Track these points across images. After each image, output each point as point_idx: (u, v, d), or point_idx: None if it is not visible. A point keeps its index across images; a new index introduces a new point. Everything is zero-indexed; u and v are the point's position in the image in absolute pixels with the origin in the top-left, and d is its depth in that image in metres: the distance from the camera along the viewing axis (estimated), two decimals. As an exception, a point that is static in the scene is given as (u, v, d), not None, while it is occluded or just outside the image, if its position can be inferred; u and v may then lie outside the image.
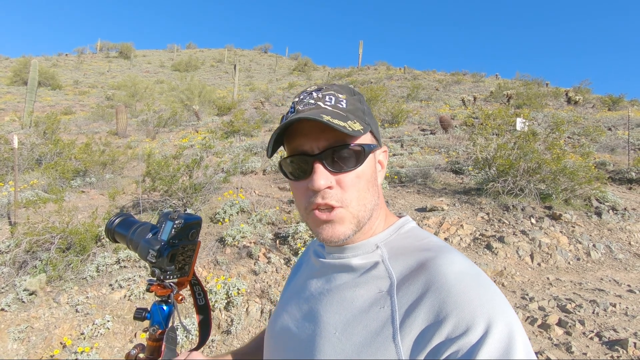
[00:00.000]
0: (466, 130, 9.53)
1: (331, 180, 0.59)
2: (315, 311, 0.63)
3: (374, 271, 0.59)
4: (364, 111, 0.64)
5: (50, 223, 4.34)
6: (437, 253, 0.55)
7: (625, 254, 4.53)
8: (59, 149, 8.47)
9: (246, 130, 12.00)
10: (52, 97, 25.52)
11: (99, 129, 14.47)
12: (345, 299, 0.60)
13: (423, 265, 0.54)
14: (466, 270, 0.52)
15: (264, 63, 50.60)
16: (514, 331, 0.46)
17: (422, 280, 0.53)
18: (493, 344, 0.44)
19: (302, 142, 0.61)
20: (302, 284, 0.72)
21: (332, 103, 0.61)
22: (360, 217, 0.61)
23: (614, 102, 15.65)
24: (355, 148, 0.59)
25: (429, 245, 0.59)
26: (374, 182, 0.63)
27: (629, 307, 3.23)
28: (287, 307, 0.71)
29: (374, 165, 0.64)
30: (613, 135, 9.79)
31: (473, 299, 0.48)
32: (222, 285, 3.62)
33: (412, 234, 0.65)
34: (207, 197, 5.88)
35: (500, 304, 0.48)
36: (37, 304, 3.66)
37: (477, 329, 0.46)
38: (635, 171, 6.68)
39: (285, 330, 0.68)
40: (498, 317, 0.46)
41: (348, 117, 0.60)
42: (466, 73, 27.45)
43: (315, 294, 0.67)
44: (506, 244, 4.48)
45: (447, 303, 0.49)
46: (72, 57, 49.20)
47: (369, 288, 0.58)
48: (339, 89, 0.64)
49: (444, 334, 0.47)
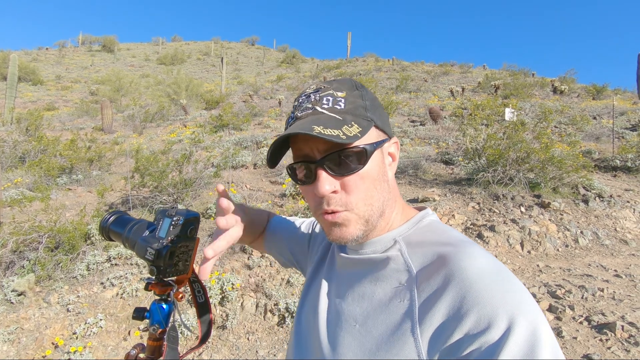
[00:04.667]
0: (455, 121, 9.60)
1: (335, 184, 0.58)
2: (337, 305, 0.64)
3: (394, 264, 0.59)
4: (366, 107, 0.62)
5: (37, 222, 4.24)
6: (458, 247, 0.54)
7: (612, 240, 4.64)
8: (43, 146, 8.25)
9: (235, 124, 11.88)
10: (34, 92, 24.82)
11: (84, 125, 14.14)
12: (366, 292, 0.60)
13: (443, 259, 0.53)
14: (488, 265, 0.51)
15: (252, 55, 49.98)
16: (539, 329, 0.44)
17: (443, 274, 0.51)
18: (517, 341, 0.43)
19: (302, 146, 0.60)
20: (324, 279, 0.73)
21: (330, 105, 0.60)
22: (368, 217, 0.60)
23: (598, 91, 15.93)
24: (356, 150, 0.57)
25: (449, 238, 0.58)
26: (382, 179, 0.62)
27: (616, 292, 3.32)
28: (310, 301, 0.73)
29: (381, 161, 0.62)
30: (598, 124, 9.97)
31: (495, 295, 0.47)
32: (217, 281, 3.60)
33: (432, 227, 0.64)
34: (197, 193, 5.81)
35: (524, 300, 0.47)
36: (27, 305, 3.58)
37: (500, 326, 0.44)
38: (619, 159, 6.83)
39: (308, 324, 0.69)
40: (521, 313, 0.45)
41: (345, 120, 0.58)
42: (454, 64, 27.58)
43: (337, 289, 0.68)
44: (497, 233, 4.55)
45: (467, 298, 0.47)
46: (53, 51, 47.82)
47: (389, 281, 0.58)
48: (339, 86, 0.62)
49: (465, 329, 0.46)
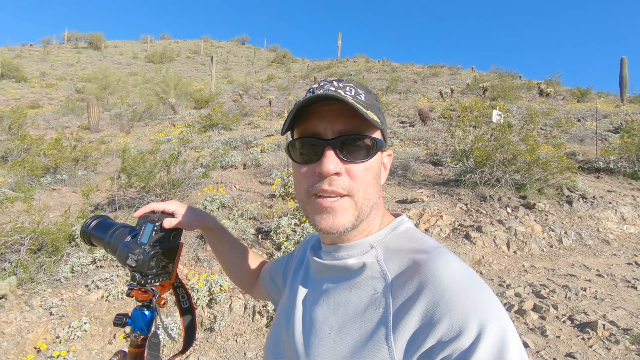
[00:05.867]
0: (444, 123, 9.70)
1: (340, 167, 0.58)
2: (312, 312, 0.64)
3: (369, 272, 0.59)
4: (379, 109, 0.65)
5: (19, 223, 4.13)
6: (432, 255, 0.55)
7: (594, 240, 4.75)
8: (27, 145, 8.06)
9: (225, 123, 11.80)
10: (17, 89, 24.23)
11: (69, 124, 13.86)
12: (341, 299, 0.60)
13: (417, 267, 0.54)
14: (460, 273, 0.52)
15: (242, 55, 49.68)
16: (507, 335, 0.46)
17: (416, 281, 0.52)
18: (486, 347, 0.44)
19: (316, 123, 0.60)
20: (300, 285, 0.72)
21: (352, 94, 0.61)
22: (361, 210, 0.60)
23: (583, 94, 16.30)
24: (368, 141, 0.59)
25: (423, 246, 0.59)
26: (378, 180, 0.64)
27: (598, 291, 3.40)
28: (286, 309, 0.72)
29: (380, 163, 0.64)
30: (582, 126, 10.20)
31: (466, 302, 0.48)
32: (204, 283, 3.56)
33: (408, 234, 0.64)
34: (186, 193, 5.75)
35: (494, 307, 0.48)
36: (8, 308, 3.49)
37: (470, 332, 0.45)
38: (602, 161, 6.99)
39: (282, 331, 0.69)
40: (491, 320, 0.46)
41: (368, 108, 0.60)
42: (443, 66, 27.89)
43: (312, 296, 0.67)
44: (484, 234, 4.61)
45: (440, 305, 0.48)
46: (37, 48, 46.74)
47: (364, 289, 0.58)
48: (358, 84, 0.64)
49: (437, 336, 0.47)
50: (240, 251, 1.03)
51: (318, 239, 0.76)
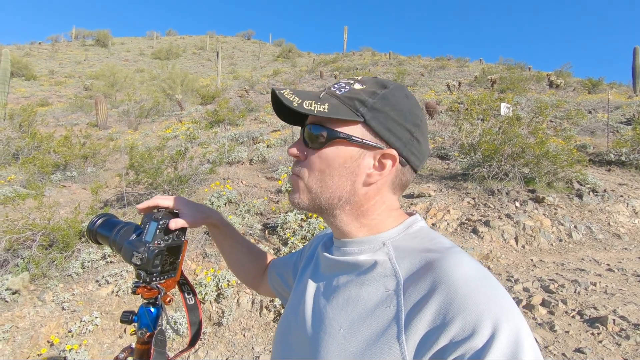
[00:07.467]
0: (452, 116, 9.60)
1: (304, 152, 0.65)
2: (322, 308, 0.64)
3: (381, 269, 0.59)
4: (367, 104, 0.60)
5: (30, 220, 4.21)
6: (445, 254, 0.55)
7: (605, 234, 4.68)
8: (37, 143, 8.17)
9: (231, 119, 11.82)
10: (27, 88, 24.55)
11: (78, 121, 14.02)
12: (351, 296, 0.60)
13: (430, 266, 0.54)
14: (474, 272, 0.51)
15: (248, 50, 49.62)
16: (521, 335, 0.45)
17: (429, 280, 0.52)
18: (500, 347, 0.44)
19: None
20: (309, 281, 0.72)
21: (335, 88, 0.64)
22: (317, 196, 0.64)
23: (594, 85, 15.97)
24: (324, 132, 0.61)
25: (436, 245, 0.59)
26: (350, 172, 0.62)
27: (608, 286, 3.36)
28: (294, 304, 0.72)
29: (351, 157, 0.61)
30: (593, 118, 10.00)
31: (479, 302, 0.47)
32: (212, 278, 3.60)
33: (421, 233, 0.64)
34: (193, 189, 5.79)
35: (508, 307, 0.48)
36: (21, 303, 3.57)
37: (484, 333, 0.45)
38: (614, 153, 6.86)
39: (292, 327, 0.69)
40: (505, 320, 0.46)
41: (322, 99, 0.61)
42: (451, 58, 27.51)
43: (321, 291, 0.67)
44: (492, 228, 4.57)
45: (453, 304, 0.48)
46: (46, 46, 47.23)
47: (375, 286, 0.58)
48: (366, 81, 0.65)
49: (450, 336, 0.47)
50: (245, 247, 1.03)
51: (330, 236, 0.76)
